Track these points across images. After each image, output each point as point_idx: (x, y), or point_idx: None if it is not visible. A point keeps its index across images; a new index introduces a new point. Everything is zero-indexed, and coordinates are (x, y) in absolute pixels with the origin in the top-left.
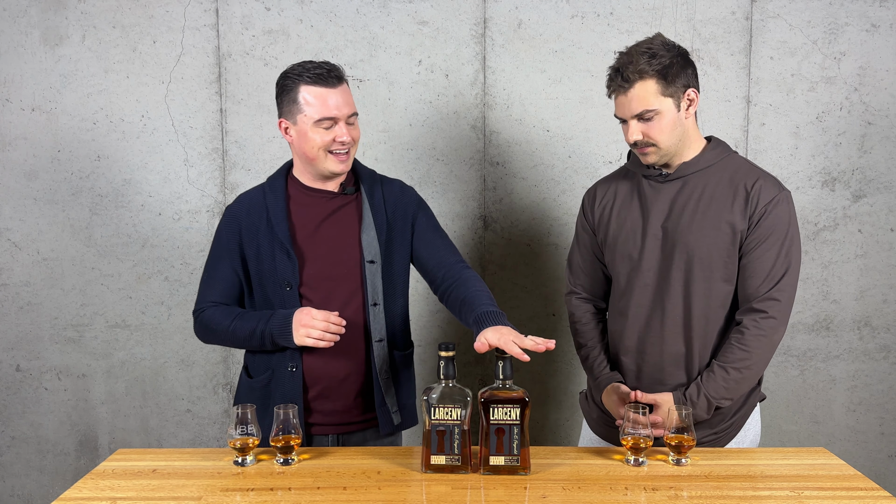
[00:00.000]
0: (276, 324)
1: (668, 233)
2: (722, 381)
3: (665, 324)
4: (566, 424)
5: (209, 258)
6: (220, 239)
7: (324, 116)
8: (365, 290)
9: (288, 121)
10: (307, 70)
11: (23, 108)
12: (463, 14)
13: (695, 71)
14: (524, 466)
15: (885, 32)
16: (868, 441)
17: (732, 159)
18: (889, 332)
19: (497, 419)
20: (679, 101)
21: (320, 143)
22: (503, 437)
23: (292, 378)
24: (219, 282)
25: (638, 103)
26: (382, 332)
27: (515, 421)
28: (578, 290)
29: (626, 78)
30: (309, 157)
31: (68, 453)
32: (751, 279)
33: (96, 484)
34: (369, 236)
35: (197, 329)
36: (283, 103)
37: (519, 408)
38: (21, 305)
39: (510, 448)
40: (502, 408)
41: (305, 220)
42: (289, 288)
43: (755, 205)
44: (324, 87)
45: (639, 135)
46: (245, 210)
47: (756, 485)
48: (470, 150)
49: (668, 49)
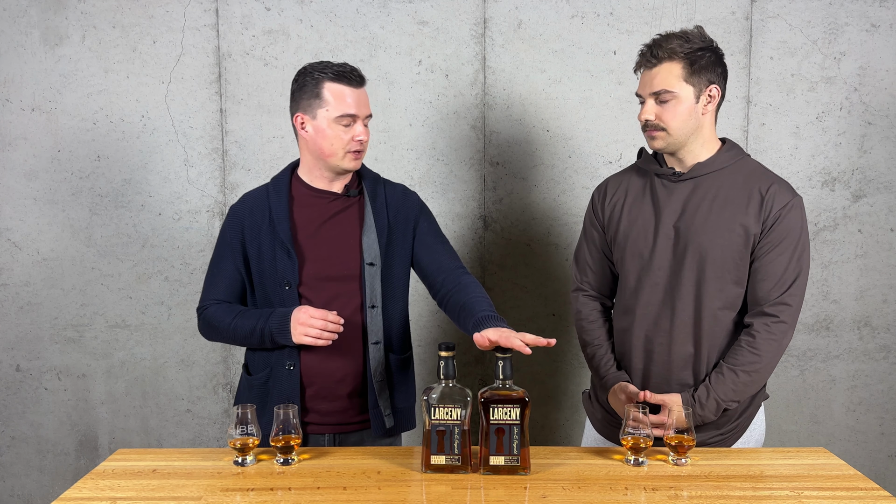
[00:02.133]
0: (276, 322)
1: (681, 233)
2: (731, 383)
3: (674, 324)
4: (566, 424)
5: (214, 256)
6: (224, 237)
7: (345, 113)
8: (363, 292)
9: (306, 115)
10: (331, 67)
11: (23, 108)
12: (463, 14)
13: (725, 72)
14: (524, 466)
15: (885, 32)
16: (868, 441)
17: (746, 162)
18: (889, 332)
19: (497, 419)
20: (700, 93)
21: (339, 140)
22: (503, 437)
23: (290, 376)
24: (222, 279)
25: (660, 81)
26: (379, 335)
27: (515, 421)
28: (585, 286)
29: (655, 55)
30: (324, 154)
31: (68, 453)
32: (763, 283)
33: (96, 484)
34: (370, 239)
35: (200, 326)
36: (302, 98)
37: (519, 408)
38: (21, 305)
39: (510, 448)
40: (502, 408)
41: (308, 221)
42: (288, 287)
43: (769, 209)
44: (347, 86)
45: (651, 115)
46: (248, 209)
47: (756, 485)
48: (470, 150)
49: (703, 40)
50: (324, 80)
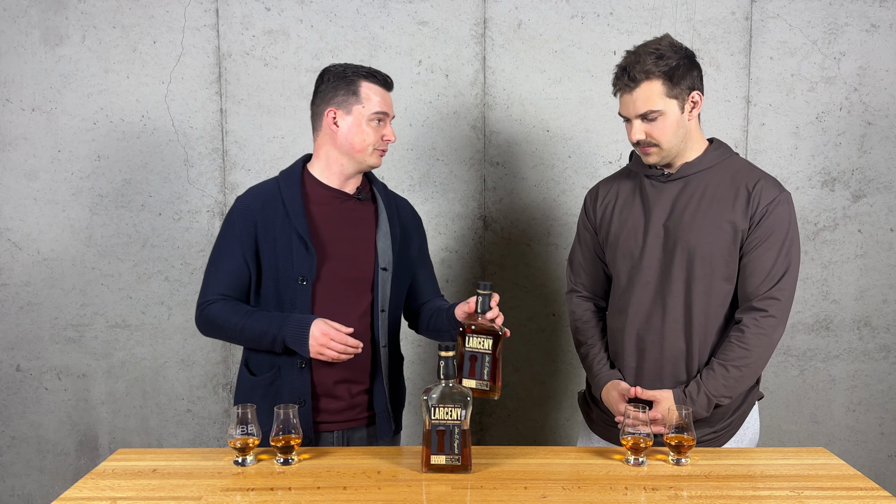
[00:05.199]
0: (292, 330)
1: (670, 231)
2: (722, 378)
3: (665, 322)
4: (566, 424)
5: (217, 250)
6: (233, 230)
7: (380, 111)
8: (375, 296)
9: (339, 110)
10: (367, 69)
11: (23, 108)
12: (463, 14)
13: (700, 73)
14: (493, 390)
15: (885, 32)
16: (868, 441)
17: (734, 160)
18: (889, 332)
19: (472, 347)
20: (683, 103)
21: (371, 136)
22: (475, 364)
23: (301, 375)
24: (228, 274)
25: (643, 103)
26: (387, 339)
27: (488, 350)
28: (579, 288)
29: (632, 77)
30: (355, 149)
31: (68, 453)
32: (751, 278)
33: (96, 484)
34: (385, 244)
35: (200, 321)
36: (337, 94)
37: (492, 339)
38: (21, 305)
39: (481, 373)
40: (476, 337)
41: (324, 219)
42: (304, 282)
43: (756, 205)
44: (382, 87)
45: (642, 134)
46: (259, 203)
47: (756, 485)
48: (470, 150)
49: (675, 51)
50: (361, 79)
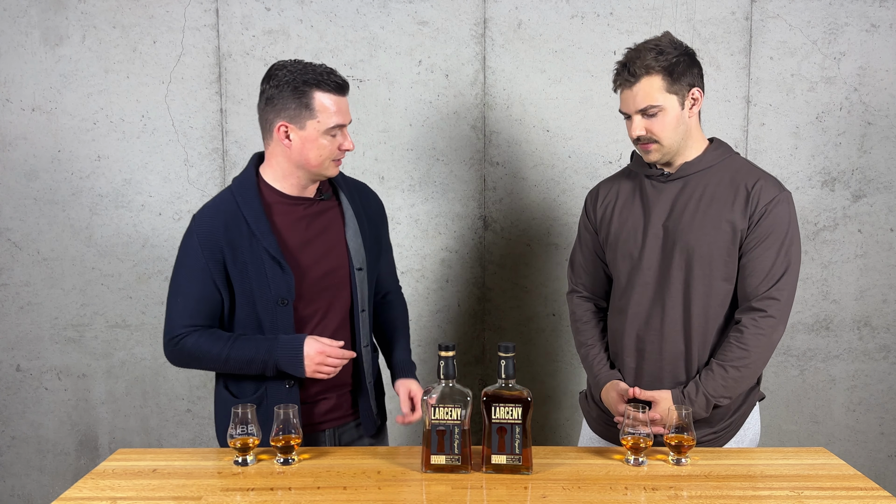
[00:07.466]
0: (284, 353)
1: (669, 231)
2: (721, 379)
3: (665, 322)
4: (566, 424)
5: (179, 278)
6: (195, 256)
7: (337, 124)
8: (354, 297)
9: (291, 125)
10: (320, 76)
11: (23, 108)
12: (463, 14)
13: (700, 71)
14: (526, 465)
15: (885, 32)
16: (868, 441)
17: (734, 160)
18: (889, 332)
19: (499, 418)
20: (683, 99)
21: (327, 150)
22: (505, 437)
23: (289, 393)
24: (198, 302)
25: (643, 98)
26: (368, 338)
27: (517, 420)
28: (580, 288)
29: (632, 73)
30: (311, 164)
31: (68, 453)
32: (750, 278)
33: (96, 484)
34: (356, 243)
35: (174, 356)
36: (287, 106)
37: (521, 407)
38: (21, 305)
39: (512, 447)
40: (504, 407)
41: (290, 231)
42: (285, 303)
43: (755, 204)
44: (338, 95)
45: (642, 130)
46: (222, 224)
47: (756, 485)
48: (470, 150)
49: (675, 47)
50: (315, 89)
